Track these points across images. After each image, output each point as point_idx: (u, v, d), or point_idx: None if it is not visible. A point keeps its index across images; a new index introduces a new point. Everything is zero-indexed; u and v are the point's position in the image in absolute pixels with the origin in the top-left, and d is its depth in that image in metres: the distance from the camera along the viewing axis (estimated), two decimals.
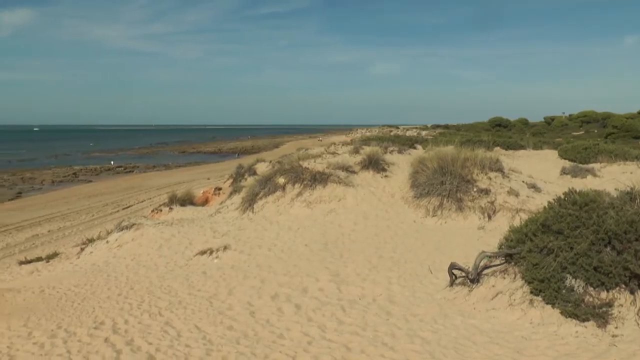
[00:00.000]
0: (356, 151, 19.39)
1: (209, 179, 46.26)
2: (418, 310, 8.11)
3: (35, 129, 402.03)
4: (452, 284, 8.64)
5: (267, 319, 8.30)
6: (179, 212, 19.83)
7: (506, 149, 25.53)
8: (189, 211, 19.84)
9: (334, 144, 27.58)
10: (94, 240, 18.23)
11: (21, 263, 18.82)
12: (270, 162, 24.93)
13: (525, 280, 7.59)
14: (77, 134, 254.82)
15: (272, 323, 8.12)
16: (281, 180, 16.64)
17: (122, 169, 69.12)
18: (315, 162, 17.56)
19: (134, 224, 16.53)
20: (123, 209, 33.81)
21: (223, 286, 10.37)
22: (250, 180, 19.66)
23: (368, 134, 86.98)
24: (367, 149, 19.22)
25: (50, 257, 18.39)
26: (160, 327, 8.50)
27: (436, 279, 9.36)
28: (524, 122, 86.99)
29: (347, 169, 16.89)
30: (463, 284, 8.48)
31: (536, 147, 27.33)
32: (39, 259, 18.75)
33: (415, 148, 25.82)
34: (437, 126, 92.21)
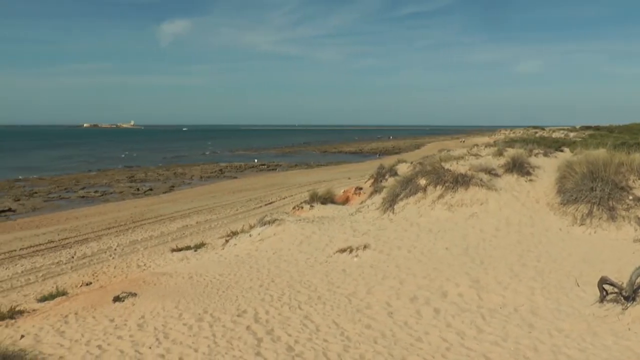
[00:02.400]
0: (499, 153, 18.79)
1: (349, 178, 46.75)
2: (563, 325, 7.73)
3: (184, 128, 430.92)
4: (602, 299, 8.13)
5: (405, 321, 8.32)
6: (319, 209, 20.23)
7: None
8: (329, 209, 20.18)
9: (477, 145, 26.95)
10: (238, 233, 19.11)
11: (173, 250, 20.25)
12: (412, 163, 24.79)
13: None
14: (223, 133, 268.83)
15: (410, 325, 8.12)
16: (422, 181, 16.51)
17: (266, 166, 71.82)
18: (457, 163, 17.25)
19: (276, 220, 17.13)
20: (265, 204, 35.11)
21: (362, 285, 10.51)
22: (391, 181, 19.69)
23: (512, 135, 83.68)
24: (510, 151, 18.57)
25: (198, 247, 19.58)
26: (300, 320, 8.80)
27: (584, 293, 8.85)
28: None
29: (490, 171, 16.41)
30: (615, 300, 7.94)
31: None
32: (188, 248, 20.04)
33: (562, 151, 24.46)
34: (587, 127, 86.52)
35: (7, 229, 30.79)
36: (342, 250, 13.31)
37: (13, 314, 11.94)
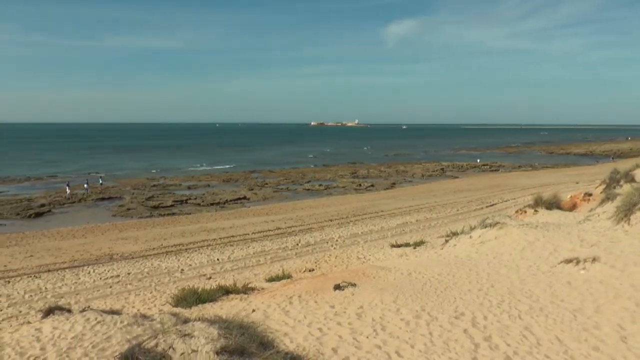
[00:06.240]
0: None
1: (577, 182, 43.97)
2: None
3: (403, 127, 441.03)
4: None
5: None
6: (543, 215, 19.28)
7: None
8: (554, 215, 19.14)
9: None
10: (458, 233, 18.91)
11: (392, 246, 20.72)
12: None
13: None
14: (443, 132, 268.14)
15: None
16: None
17: (488, 167, 70.31)
18: None
19: (497, 223, 16.62)
20: (487, 206, 34.31)
21: (589, 301, 9.74)
22: (626, 188, 18.00)
23: None
24: None
25: (417, 244, 19.77)
26: (519, 330, 8.44)
27: None
28: None
29: None
30: None
31: None
32: (407, 245, 20.36)
33: None
34: None
35: (242, 214, 34.23)
36: (568, 261, 12.46)
37: (246, 289, 13.34)
